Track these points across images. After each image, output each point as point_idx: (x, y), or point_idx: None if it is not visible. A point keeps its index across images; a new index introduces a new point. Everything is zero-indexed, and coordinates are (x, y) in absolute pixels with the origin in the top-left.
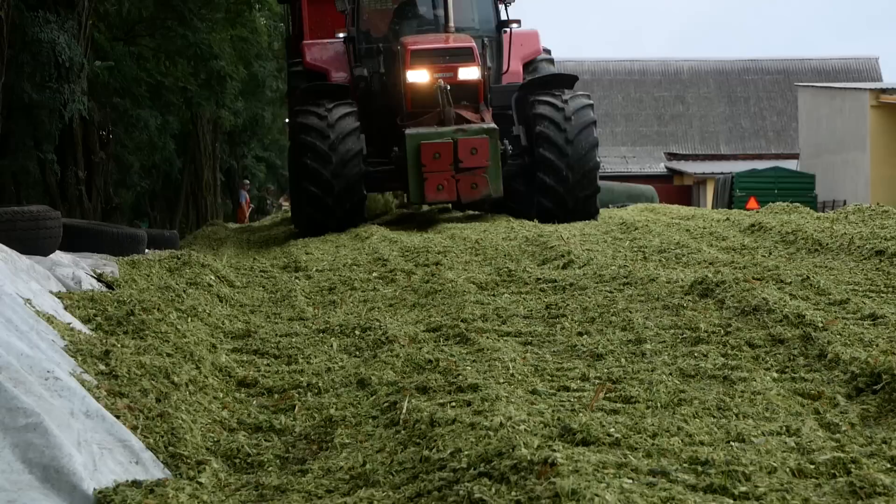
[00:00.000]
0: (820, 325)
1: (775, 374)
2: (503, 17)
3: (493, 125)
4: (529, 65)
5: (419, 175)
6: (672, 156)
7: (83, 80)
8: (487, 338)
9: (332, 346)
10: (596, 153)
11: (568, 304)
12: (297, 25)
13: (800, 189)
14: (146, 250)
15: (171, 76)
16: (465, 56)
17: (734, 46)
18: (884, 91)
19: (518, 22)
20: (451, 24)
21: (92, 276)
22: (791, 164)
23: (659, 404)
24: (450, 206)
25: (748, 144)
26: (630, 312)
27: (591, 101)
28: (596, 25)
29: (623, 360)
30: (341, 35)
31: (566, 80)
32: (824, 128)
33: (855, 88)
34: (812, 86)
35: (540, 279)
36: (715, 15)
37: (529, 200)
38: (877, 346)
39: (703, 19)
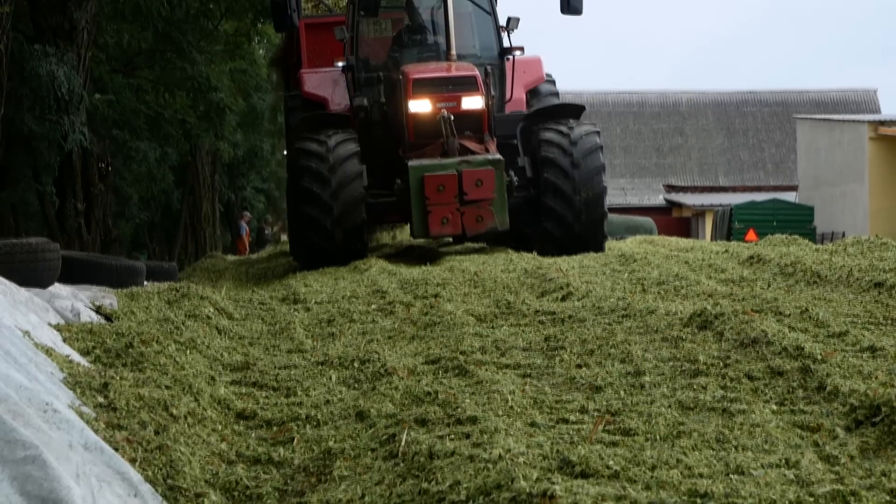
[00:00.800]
0: (819, 357)
1: (774, 407)
2: (506, 43)
3: (498, 156)
4: (533, 92)
5: (423, 208)
6: (671, 188)
7: (82, 112)
8: (486, 370)
9: (330, 378)
10: (603, 177)
11: (567, 337)
12: (294, 54)
13: (798, 221)
14: (145, 282)
15: (170, 108)
16: (468, 85)
17: (733, 78)
18: (882, 123)
19: (521, 49)
20: (453, 51)
21: (91, 308)
22: (790, 196)
23: (658, 436)
24: (450, 238)
25: (747, 176)
26: (629, 345)
27: (598, 129)
28: (594, 57)
29: (622, 392)
30: (340, 64)
31: (573, 110)
32: (823, 159)
33: (853, 120)
34: (811, 118)
35: (539, 311)
36: (714, 47)
37: (535, 233)
38: (876, 378)
39: (701, 52)
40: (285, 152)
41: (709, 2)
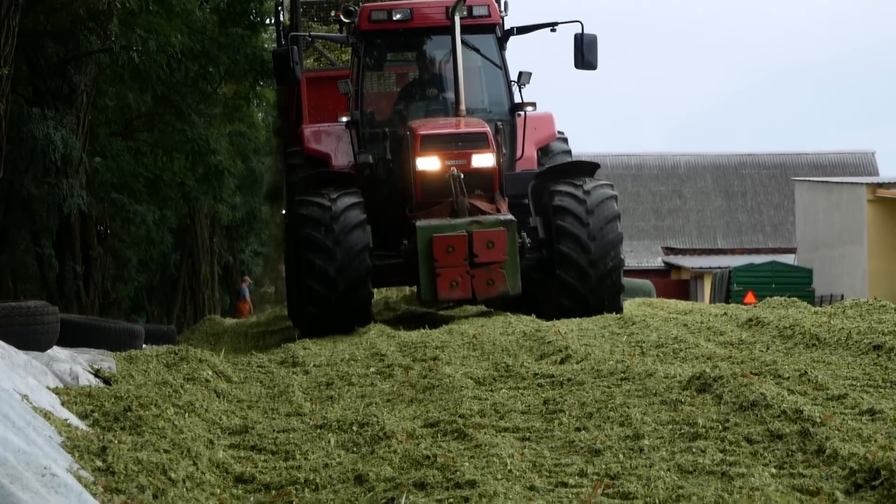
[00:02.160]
0: (818, 420)
1: (773, 470)
2: (517, 99)
3: (510, 216)
4: (544, 150)
5: (431, 270)
6: (669, 250)
7: (81, 175)
8: (485, 433)
9: (329, 441)
10: (620, 250)
11: (566, 400)
12: (295, 109)
13: (797, 283)
14: (143, 345)
15: (169, 171)
16: (478, 142)
17: (731, 141)
18: (880, 185)
19: (533, 104)
20: (463, 106)
21: (89, 371)
22: (788, 259)
23: (657, 500)
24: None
25: (745, 238)
26: (628, 408)
27: (615, 192)
28: (592, 119)
29: (621, 455)
30: (344, 119)
31: (586, 168)
32: (821, 222)
33: (852, 183)
34: (809, 180)
35: (538, 374)
36: (712, 110)
37: (547, 297)
38: (875, 441)
39: (699, 114)
40: (284, 212)
41: (706, 65)
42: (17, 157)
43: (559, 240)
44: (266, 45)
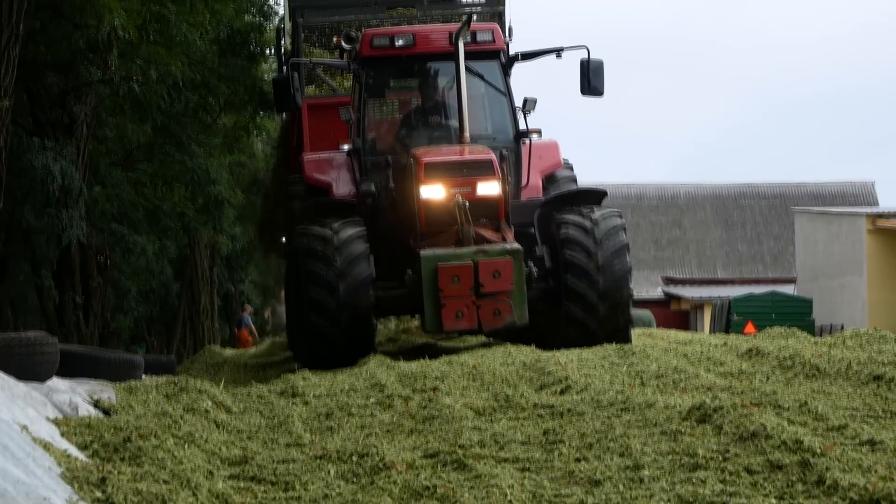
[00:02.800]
0: (818, 450)
1: (774, 501)
2: (522, 126)
3: (516, 245)
4: (549, 179)
5: (436, 301)
6: (669, 280)
7: (81, 206)
8: (485, 464)
9: (329, 472)
10: (629, 281)
11: (566, 430)
12: (296, 136)
13: (797, 313)
14: (143, 376)
15: (169, 201)
16: (483, 169)
17: (730, 172)
18: (880, 216)
19: (539, 132)
20: (467, 133)
21: (89, 402)
22: (788, 289)
23: None
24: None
25: (745, 269)
26: (628, 438)
27: (623, 221)
28: (592, 149)
29: (621, 486)
30: (345, 147)
31: (593, 196)
32: (821, 252)
33: (851, 213)
34: (808, 210)
35: (537, 405)
36: (711, 140)
37: (553, 328)
38: (875, 471)
39: (699, 145)
40: (284, 240)
41: (707, 95)
42: (16, 187)
43: (566, 271)
44: (266, 76)
